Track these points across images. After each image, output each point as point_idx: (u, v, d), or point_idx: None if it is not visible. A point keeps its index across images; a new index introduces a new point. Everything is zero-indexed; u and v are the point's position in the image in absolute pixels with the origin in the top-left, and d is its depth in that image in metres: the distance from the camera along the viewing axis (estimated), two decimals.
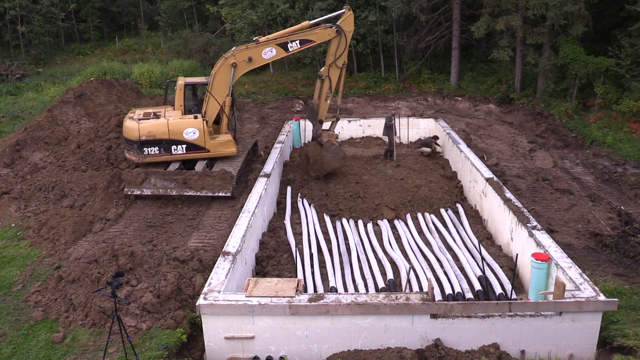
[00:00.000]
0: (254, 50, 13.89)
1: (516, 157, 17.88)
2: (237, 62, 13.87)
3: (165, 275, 9.85)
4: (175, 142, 14.09)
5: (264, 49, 13.91)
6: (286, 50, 14.01)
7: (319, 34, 14.22)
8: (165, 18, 39.55)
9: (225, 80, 14.04)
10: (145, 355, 8.24)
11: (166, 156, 14.22)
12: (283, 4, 27.56)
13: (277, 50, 13.95)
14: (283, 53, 14.12)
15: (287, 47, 13.94)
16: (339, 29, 14.18)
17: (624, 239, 11.90)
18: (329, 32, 14.23)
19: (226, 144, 14.52)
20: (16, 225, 13.07)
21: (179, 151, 14.21)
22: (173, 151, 14.19)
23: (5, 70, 31.34)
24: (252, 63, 14.00)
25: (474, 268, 10.95)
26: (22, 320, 9.32)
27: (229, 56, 13.91)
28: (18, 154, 16.74)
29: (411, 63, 29.31)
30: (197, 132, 14.10)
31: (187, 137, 14.07)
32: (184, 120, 14.21)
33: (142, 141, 13.96)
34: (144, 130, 13.89)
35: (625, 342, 8.39)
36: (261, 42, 13.95)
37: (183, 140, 14.09)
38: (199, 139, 14.15)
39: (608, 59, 20.93)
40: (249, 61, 13.90)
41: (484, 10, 23.39)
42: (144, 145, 14.01)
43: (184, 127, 14.07)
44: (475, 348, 8.35)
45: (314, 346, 8.45)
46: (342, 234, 12.75)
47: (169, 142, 14.06)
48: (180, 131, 14.03)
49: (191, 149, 14.23)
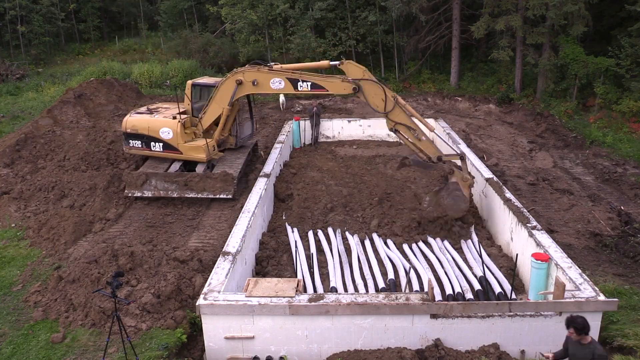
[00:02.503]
0: (264, 75, 13.12)
1: (516, 157, 17.87)
2: (243, 81, 13.31)
3: (165, 276, 9.85)
4: (154, 139, 14.26)
5: (274, 78, 13.03)
6: (295, 88, 12.96)
7: (334, 84, 12.73)
8: (165, 18, 39.53)
9: (227, 93, 13.67)
10: (145, 355, 8.24)
11: (146, 151, 14.54)
12: (283, 4, 27.56)
13: (286, 84, 12.98)
14: (291, 89, 13.04)
15: (297, 85, 12.90)
16: (356, 84, 12.37)
17: (624, 239, 11.90)
18: (345, 87, 12.64)
19: (197, 149, 14.16)
20: (16, 225, 13.07)
21: (156, 148, 14.37)
22: (152, 147, 14.39)
23: (5, 70, 31.34)
24: (257, 87, 13.28)
25: (474, 268, 10.95)
26: (22, 320, 9.32)
27: (239, 72, 13.41)
28: (18, 154, 16.75)
29: (411, 63, 29.31)
30: (171, 132, 14.08)
31: (162, 136, 14.15)
32: (161, 119, 14.36)
33: (128, 133, 14.50)
34: (130, 123, 14.47)
35: (625, 342, 8.39)
36: (274, 70, 13.13)
37: (159, 139, 14.21)
38: (172, 140, 14.12)
39: (608, 59, 20.95)
40: (253, 84, 13.22)
41: (484, 10, 23.40)
42: (129, 137, 14.53)
43: (161, 126, 14.18)
44: (475, 348, 8.35)
45: (314, 346, 8.44)
46: (342, 234, 12.74)
47: (148, 138, 14.29)
48: (157, 129, 14.16)
49: (167, 148, 14.29)
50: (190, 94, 14.77)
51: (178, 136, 14.07)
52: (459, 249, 11.93)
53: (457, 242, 12.21)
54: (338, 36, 28.00)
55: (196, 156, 14.31)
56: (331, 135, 20.61)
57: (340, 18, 28.65)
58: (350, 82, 12.45)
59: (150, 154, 14.63)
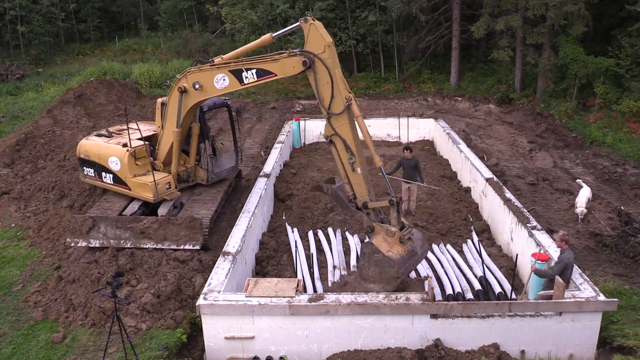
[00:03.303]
0: (205, 74, 10.33)
1: (516, 157, 17.88)
2: (186, 88, 10.59)
3: (165, 275, 9.86)
4: (104, 168, 12.14)
5: (217, 75, 10.16)
6: (241, 81, 9.95)
7: (281, 64, 9.36)
8: (165, 18, 39.58)
9: (174, 109, 11.05)
10: (145, 355, 8.24)
11: (99, 182, 12.55)
12: (283, 4, 27.57)
13: (231, 79, 10.04)
14: (237, 85, 10.05)
15: (241, 77, 9.90)
16: (307, 58, 8.88)
17: (624, 239, 11.90)
18: (294, 64, 9.14)
19: (144, 186, 11.58)
20: (16, 225, 13.07)
21: (107, 180, 12.23)
22: (103, 178, 12.33)
23: (5, 70, 31.36)
24: (201, 92, 10.50)
25: (474, 268, 10.95)
26: (22, 320, 9.33)
27: (181, 77, 10.74)
28: (18, 154, 16.75)
29: (411, 63, 29.32)
30: (119, 163, 11.74)
31: (111, 166, 11.96)
32: (109, 146, 12.14)
33: (81, 159, 12.69)
34: (83, 147, 12.63)
35: (625, 342, 8.39)
36: (215, 65, 10.30)
37: (108, 169, 12.05)
38: (120, 172, 11.80)
39: (608, 59, 20.95)
40: (195, 89, 10.48)
41: (484, 10, 23.40)
42: (83, 164, 12.73)
43: (109, 154, 11.99)
44: (475, 348, 8.35)
45: (314, 346, 8.45)
46: (342, 234, 12.74)
47: (99, 167, 12.23)
48: (106, 158, 12.02)
49: (116, 180, 12.05)
50: (161, 114, 11.94)
51: (126, 168, 11.65)
52: (459, 249, 11.93)
53: (458, 244, 12.21)
54: (338, 36, 27.99)
55: (143, 195, 11.70)
56: None
57: (340, 18, 28.65)
58: (297, 54, 9.01)
59: (102, 185, 12.55)
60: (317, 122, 20.39)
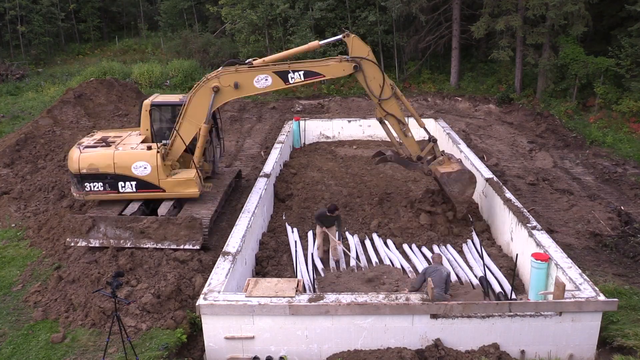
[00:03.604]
0: (244, 75, 11.25)
1: (516, 157, 17.88)
2: (220, 87, 11.29)
3: (165, 275, 9.86)
4: (123, 177, 11.38)
5: (257, 76, 11.15)
6: (285, 81, 11.28)
7: (331, 68, 11.32)
8: (165, 18, 39.53)
9: (202, 106, 11.49)
10: (145, 355, 8.24)
11: (112, 194, 11.61)
12: (283, 4, 27.56)
13: (274, 79, 11.22)
14: (281, 84, 11.35)
15: (287, 77, 11.23)
16: (357, 63, 11.32)
17: (624, 239, 11.90)
18: (344, 68, 11.35)
19: (187, 182, 11.54)
20: (16, 225, 13.07)
21: (127, 189, 11.49)
22: (120, 189, 11.50)
23: (5, 70, 31.35)
24: (239, 91, 11.39)
25: (474, 268, 10.95)
26: (22, 320, 9.33)
27: (211, 77, 11.42)
28: (18, 154, 16.75)
29: (411, 63, 29.32)
30: (149, 166, 11.31)
31: (136, 173, 11.32)
32: (134, 151, 11.49)
33: (83, 175, 11.38)
34: (85, 161, 11.35)
35: (625, 342, 8.39)
36: (255, 66, 11.29)
37: (131, 176, 11.37)
38: (151, 176, 11.36)
39: (608, 59, 20.95)
40: (234, 88, 11.29)
41: (484, 10, 23.41)
42: (85, 180, 11.42)
43: (133, 160, 11.34)
44: (475, 348, 8.35)
45: (314, 346, 8.45)
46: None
47: (115, 177, 11.37)
48: (129, 165, 11.32)
49: (142, 187, 11.46)
50: (149, 117, 12.13)
51: (159, 170, 11.36)
52: (459, 249, 11.92)
53: (458, 244, 12.21)
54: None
55: (186, 192, 11.70)
56: (331, 135, 20.60)
57: (340, 18, 28.64)
58: (349, 61, 11.27)
59: (118, 197, 11.70)
60: (317, 122, 20.42)
